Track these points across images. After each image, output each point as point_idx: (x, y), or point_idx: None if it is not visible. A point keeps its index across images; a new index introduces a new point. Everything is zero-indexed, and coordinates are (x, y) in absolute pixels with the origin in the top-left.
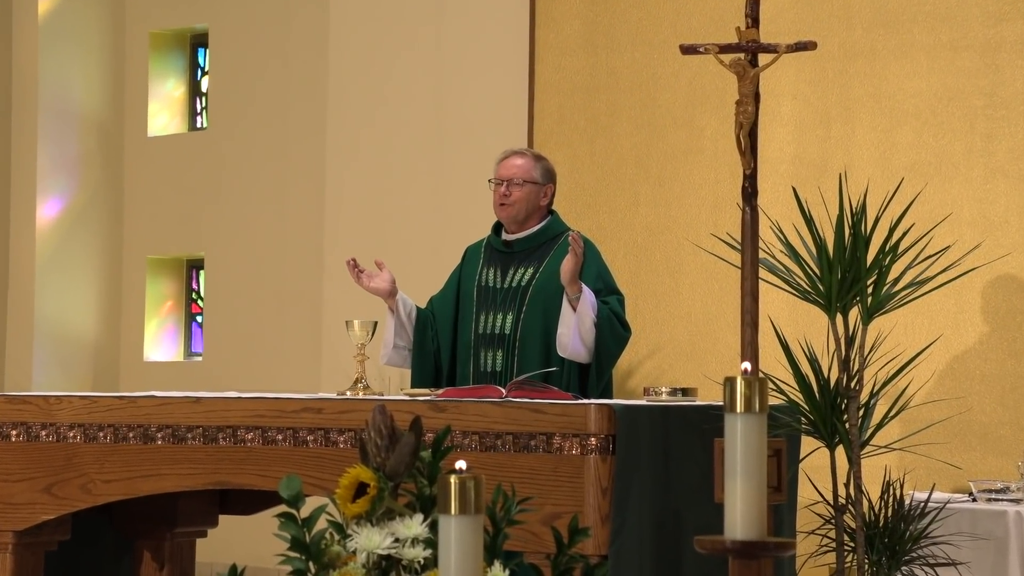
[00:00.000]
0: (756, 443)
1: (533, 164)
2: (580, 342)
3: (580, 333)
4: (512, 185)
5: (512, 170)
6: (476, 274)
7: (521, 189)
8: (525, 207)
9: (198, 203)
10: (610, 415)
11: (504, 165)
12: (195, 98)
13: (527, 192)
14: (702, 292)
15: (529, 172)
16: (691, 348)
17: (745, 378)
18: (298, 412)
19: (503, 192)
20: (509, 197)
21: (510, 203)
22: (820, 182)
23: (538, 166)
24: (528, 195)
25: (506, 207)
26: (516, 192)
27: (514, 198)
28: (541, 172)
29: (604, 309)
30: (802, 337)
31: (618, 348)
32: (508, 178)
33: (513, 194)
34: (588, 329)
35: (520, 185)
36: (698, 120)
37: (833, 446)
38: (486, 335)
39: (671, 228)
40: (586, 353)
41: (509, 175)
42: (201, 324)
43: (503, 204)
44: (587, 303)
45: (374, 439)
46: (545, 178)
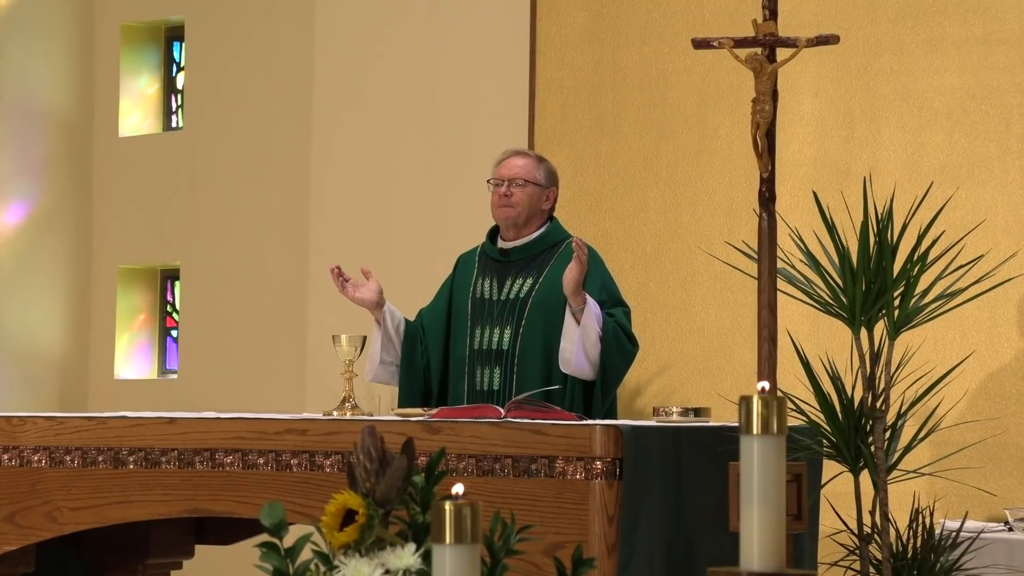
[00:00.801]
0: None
1: (536, 165)
2: (584, 358)
3: (584, 348)
4: (514, 185)
5: (514, 170)
6: (470, 285)
7: (523, 190)
8: (527, 209)
9: (173, 209)
10: (617, 437)
11: (505, 165)
12: (170, 96)
13: (529, 194)
14: (716, 304)
15: (532, 173)
16: (704, 365)
17: (762, 397)
18: (281, 434)
19: (504, 192)
20: (510, 198)
21: (511, 204)
22: (843, 186)
23: (541, 167)
24: (530, 197)
25: (507, 208)
26: (518, 193)
27: (516, 199)
28: (545, 174)
29: (610, 322)
30: (823, 353)
31: (625, 364)
32: (510, 178)
33: (515, 195)
34: (593, 344)
35: (522, 186)
36: (711, 120)
37: (857, 471)
38: (482, 351)
39: (682, 235)
40: (591, 370)
41: (511, 175)
42: (176, 339)
43: (503, 205)
44: (592, 316)
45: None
46: (548, 181)
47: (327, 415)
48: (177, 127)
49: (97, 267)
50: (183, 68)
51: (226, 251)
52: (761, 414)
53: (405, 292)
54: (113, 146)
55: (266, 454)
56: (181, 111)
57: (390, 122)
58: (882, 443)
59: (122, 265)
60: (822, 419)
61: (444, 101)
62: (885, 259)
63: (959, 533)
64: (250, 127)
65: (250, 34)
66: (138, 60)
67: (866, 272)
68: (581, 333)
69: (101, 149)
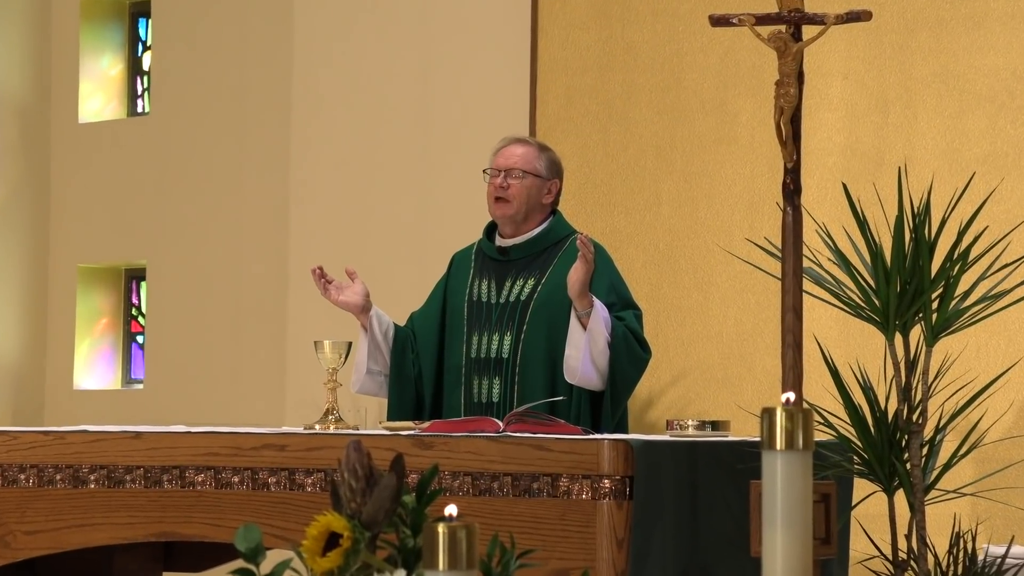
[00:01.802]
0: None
1: (537, 154)
2: (592, 366)
3: (592, 356)
4: (511, 177)
5: (512, 159)
6: (466, 287)
7: (521, 182)
8: (525, 203)
9: (139, 202)
10: (627, 453)
11: (503, 153)
12: (135, 77)
13: (528, 186)
14: (735, 307)
15: (532, 163)
16: (723, 373)
17: (787, 409)
18: (258, 449)
19: (500, 184)
20: (507, 190)
21: (508, 197)
22: (875, 177)
23: (543, 157)
24: (529, 189)
25: (503, 202)
26: (515, 185)
27: (513, 192)
28: (546, 164)
29: (619, 327)
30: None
31: (637, 372)
32: (507, 168)
33: (512, 187)
34: (601, 351)
35: (520, 177)
36: (731, 104)
37: (892, 490)
38: (479, 359)
39: (699, 232)
40: (599, 379)
41: (508, 165)
42: (142, 345)
43: (499, 198)
44: (600, 320)
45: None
46: (550, 172)
47: (308, 429)
48: (143, 112)
49: (55, 266)
50: (149, 47)
51: (197, 249)
52: (785, 428)
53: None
54: (72, 133)
55: (241, 472)
56: (147, 94)
57: (378, 107)
58: (919, 460)
59: (82, 264)
60: (853, 433)
61: (437, 84)
62: (922, 257)
63: (1004, 559)
64: (224, 112)
65: (224, 9)
66: (100, 38)
67: (901, 272)
68: (588, 339)
69: (59, 136)
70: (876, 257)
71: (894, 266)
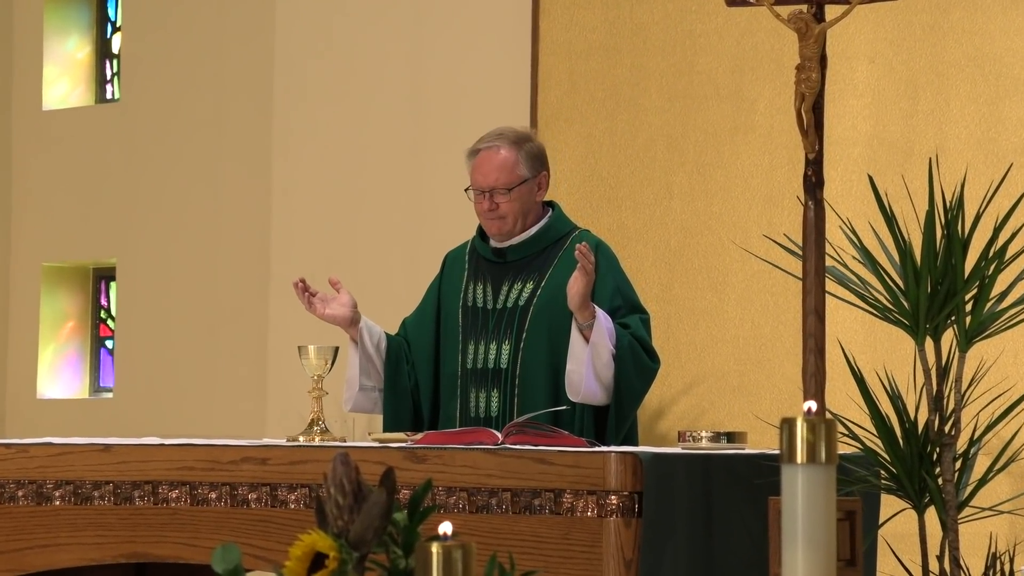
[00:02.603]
0: (822, 503)
1: (515, 159)
2: (596, 382)
3: (595, 370)
4: (498, 195)
5: (491, 177)
6: (460, 291)
7: (509, 198)
8: (521, 216)
9: (108, 195)
10: (635, 467)
11: (480, 169)
12: (104, 61)
13: (518, 196)
14: (753, 309)
15: (513, 172)
16: (739, 381)
17: (808, 419)
18: (237, 463)
19: (487, 207)
20: (497, 210)
21: (499, 217)
22: (904, 169)
23: (522, 155)
24: (520, 199)
25: (497, 220)
26: (504, 204)
27: (504, 209)
28: (528, 162)
29: (625, 336)
30: (881, 367)
31: (645, 385)
32: (490, 188)
33: (501, 206)
34: (605, 364)
35: (506, 193)
36: (748, 90)
37: (922, 507)
38: (476, 370)
39: (713, 228)
40: (603, 394)
41: (490, 184)
42: (112, 351)
43: (492, 219)
44: (603, 331)
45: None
46: (534, 167)
47: (292, 441)
48: (112, 99)
49: (16, 265)
50: (119, 28)
51: (171, 246)
52: (807, 440)
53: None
54: (35, 121)
55: (219, 487)
56: (117, 79)
57: (367, 94)
58: (951, 475)
59: (47, 263)
60: (880, 446)
61: (430, 69)
62: (955, 255)
63: None
64: (200, 98)
65: None
66: (65, 18)
67: (932, 271)
68: (591, 353)
69: (21, 124)
70: (905, 255)
71: (924, 265)
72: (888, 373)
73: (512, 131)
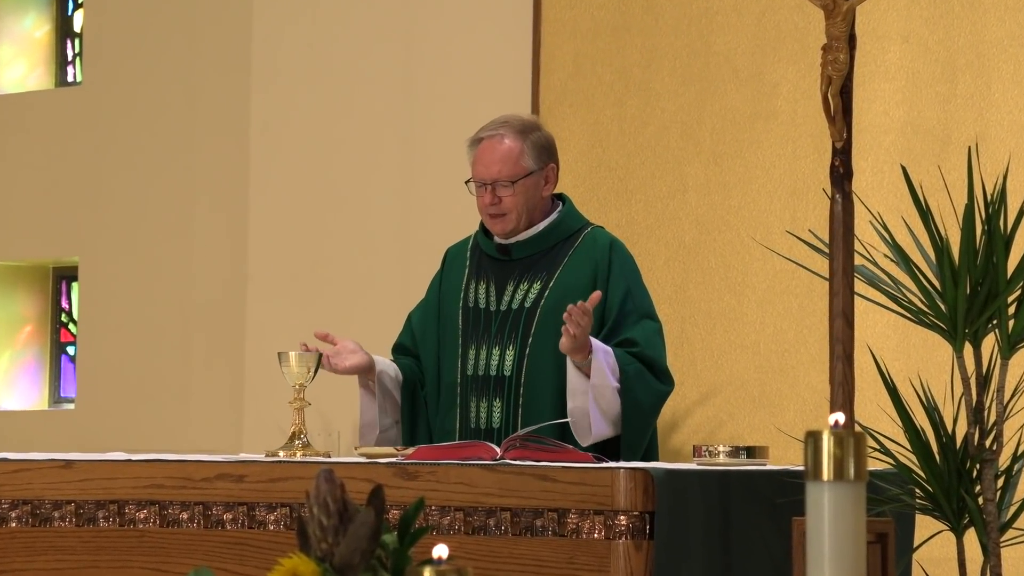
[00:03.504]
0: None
1: (520, 148)
2: (602, 420)
3: (600, 410)
4: (500, 188)
5: (495, 168)
6: (460, 290)
7: (513, 193)
8: (525, 212)
9: (70, 188)
10: (647, 484)
11: (481, 160)
12: (65, 40)
13: (523, 190)
14: (775, 312)
15: (517, 163)
16: (759, 391)
17: (835, 432)
18: (210, 480)
19: (489, 202)
20: (500, 205)
21: (502, 212)
22: (941, 159)
23: (527, 145)
24: (525, 194)
25: (499, 218)
26: (508, 199)
27: (507, 205)
28: (534, 152)
29: (631, 365)
30: (915, 376)
31: (655, 411)
32: (492, 180)
33: (504, 201)
34: (610, 402)
35: (510, 186)
36: (769, 73)
37: (961, 529)
38: (477, 377)
39: (731, 223)
40: (612, 429)
41: (492, 177)
42: (73, 358)
43: (494, 216)
44: (603, 371)
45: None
46: (541, 159)
47: (271, 456)
48: (74, 81)
49: None
50: (81, 4)
51: (139, 244)
52: (834, 454)
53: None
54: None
55: (191, 507)
56: (79, 61)
57: (354, 77)
58: (993, 494)
59: (2, 261)
60: (914, 462)
61: (423, 51)
62: (996, 254)
63: None
64: (170, 82)
65: None
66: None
67: (971, 271)
68: (593, 396)
69: None
70: (942, 253)
71: (963, 264)
72: (923, 382)
73: (518, 119)
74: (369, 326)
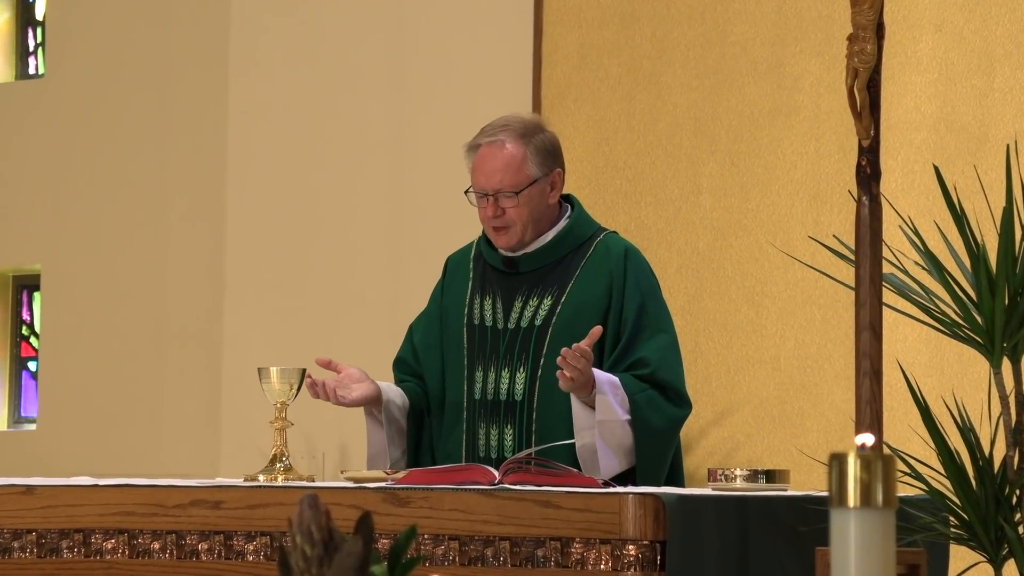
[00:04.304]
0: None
1: (523, 155)
2: (612, 456)
3: (609, 446)
4: (503, 199)
5: (496, 178)
6: (464, 305)
7: (517, 204)
8: (531, 223)
9: (31, 190)
10: (657, 511)
11: (481, 170)
12: (26, 30)
13: (528, 200)
14: (796, 324)
15: (520, 172)
16: (780, 410)
17: (862, 455)
18: (184, 507)
19: (492, 214)
20: (503, 217)
21: (506, 225)
22: (977, 158)
23: (531, 150)
24: (530, 203)
25: (502, 232)
26: (512, 210)
27: (511, 217)
28: (538, 157)
29: (642, 394)
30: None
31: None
32: (494, 191)
33: (508, 213)
34: (621, 436)
35: (514, 196)
36: (790, 65)
37: (999, 560)
38: (486, 401)
39: (749, 228)
40: (625, 462)
41: (493, 187)
42: (35, 374)
43: (497, 228)
44: (610, 406)
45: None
46: (545, 165)
47: (250, 480)
48: (36, 74)
49: None
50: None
51: (106, 251)
52: (860, 479)
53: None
54: None
55: (163, 536)
56: (41, 51)
57: (342, 70)
58: None
59: None
60: (948, 487)
61: (415, 42)
62: None
63: None
64: (140, 74)
65: None
66: None
67: (1010, 279)
68: (600, 434)
69: None
70: (978, 260)
71: (1000, 272)
72: (957, 400)
73: (519, 121)
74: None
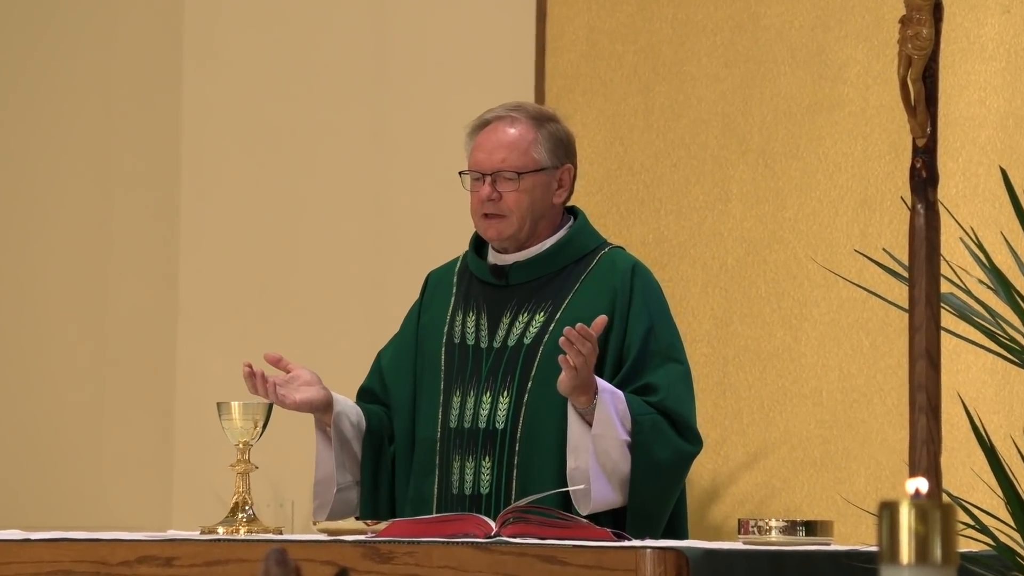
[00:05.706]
0: None
1: (534, 135)
2: (606, 481)
3: (605, 472)
4: (502, 180)
5: (499, 155)
6: (444, 323)
7: (517, 188)
8: (528, 214)
9: None
10: (680, 567)
11: (482, 145)
12: None
13: (530, 187)
14: (840, 352)
15: (528, 152)
16: (822, 451)
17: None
18: (131, 564)
19: (486, 196)
20: (499, 202)
21: (501, 211)
22: None
23: (543, 135)
24: (532, 194)
25: (495, 219)
26: (511, 195)
27: (508, 203)
28: (549, 144)
29: (647, 416)
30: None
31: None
32: (493, 170)
33: (505, 198)
34: (617, 459)
35: (515, 180)
36: (832, 53)
37: None
38: (462, 430)
39: (785, 240)
40: (620, 495)
41: (494, 164)
42: None
43: (489, 215)
44: (609, 417)
45: None
46: (557, 155)
47: (208, 533)
48: None
49: None
50: None
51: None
52: (916, 531)
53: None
54: None
55: None
56: None
57: (312, 57)
58: None
59: None
60: (1018, 541)
61: (400, 27)
62: None
63: None
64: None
65: None
66: None
67: None
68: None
69: None
70: None
71: None
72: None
73: (534, 106)
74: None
